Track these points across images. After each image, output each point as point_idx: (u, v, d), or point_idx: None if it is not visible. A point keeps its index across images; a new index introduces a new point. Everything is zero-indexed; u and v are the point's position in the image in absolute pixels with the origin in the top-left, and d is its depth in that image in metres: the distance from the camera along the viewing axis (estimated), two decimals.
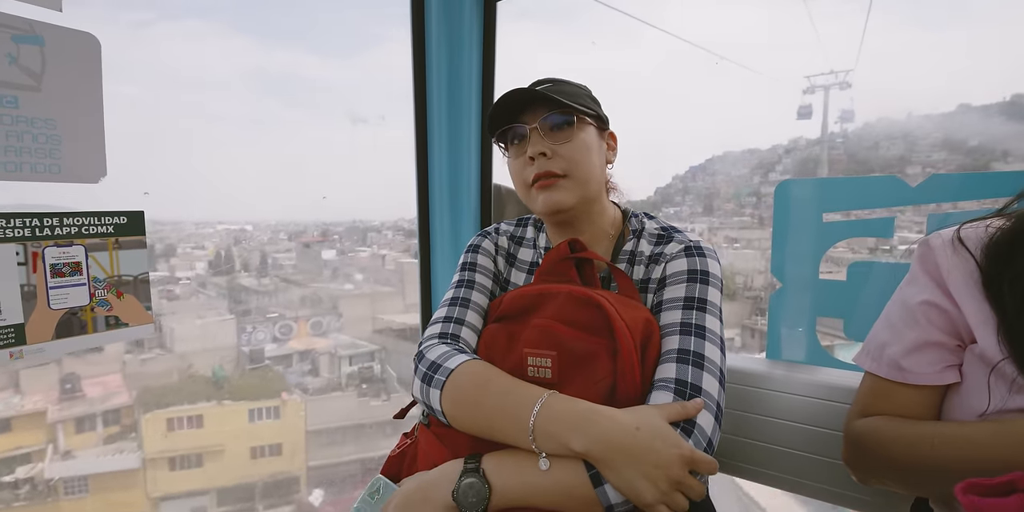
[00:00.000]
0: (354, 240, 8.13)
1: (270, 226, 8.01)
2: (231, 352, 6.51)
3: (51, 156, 0.80)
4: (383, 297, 7.73)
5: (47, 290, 0.81)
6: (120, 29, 3.84)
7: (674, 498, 0.56)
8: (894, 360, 0.64)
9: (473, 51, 1.32)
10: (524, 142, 0.78)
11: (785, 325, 1.07)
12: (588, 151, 0.77)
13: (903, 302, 0.66)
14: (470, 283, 0.83)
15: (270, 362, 6.71)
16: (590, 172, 0.77)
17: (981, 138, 2.60)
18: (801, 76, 6.16)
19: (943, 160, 4.07)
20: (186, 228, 6.19)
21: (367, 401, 6.82)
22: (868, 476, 0.67)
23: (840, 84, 5.79)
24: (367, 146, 16.76)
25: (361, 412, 6.64)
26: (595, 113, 0.79)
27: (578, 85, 0.83)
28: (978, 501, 0.43)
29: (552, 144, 0.76)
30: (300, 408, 6.34)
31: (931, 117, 4.92)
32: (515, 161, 0.80)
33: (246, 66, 8.49)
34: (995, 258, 0.58)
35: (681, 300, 0.71)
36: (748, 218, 5.11)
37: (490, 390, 0.64)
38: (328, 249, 8.07)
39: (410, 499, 0.63)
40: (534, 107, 0.77)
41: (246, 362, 6.53)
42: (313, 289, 7.84)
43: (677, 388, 0.62)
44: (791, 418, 0.93)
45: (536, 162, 0.76)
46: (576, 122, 0.76)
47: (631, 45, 20.20)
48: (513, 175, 0.82)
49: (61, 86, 0.81)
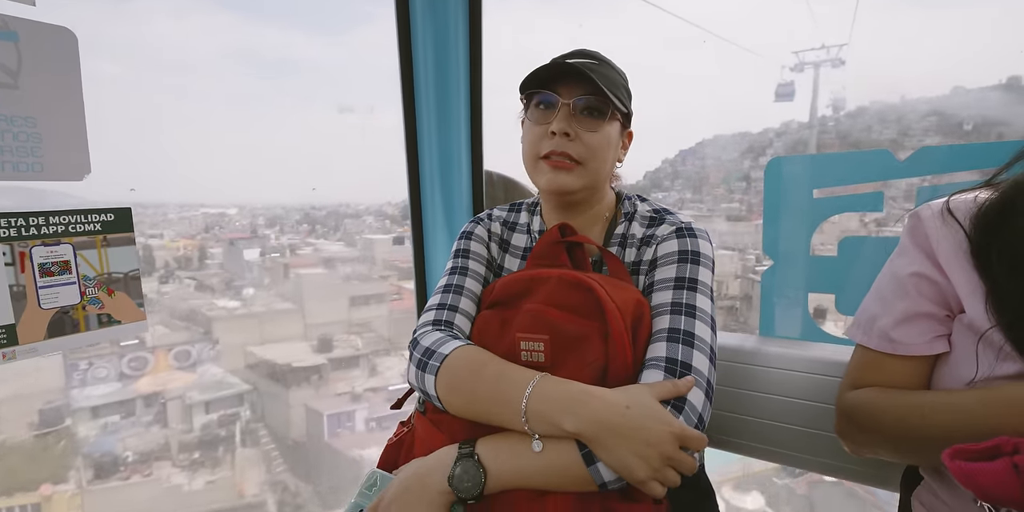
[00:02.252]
0: (330, 227, 7.52)
1: (254, 210, 7.12)
2: (50, 399, 4.13)
3: (33, 154, 0.79)
4: (277, 317, 6.39)
5: (36, 290, 0.80)
6: (100, 5, 3.59)
7: (665, 474, 0.57)
8: (884, 332, 0.65)
9: (459, 32, 1.30)
10: (551, 112, 0.75)
11: (777, 301, 1.08)
12: (608, 145, 0.76)
13: (893, 274, 0.66)
14: (463, 270, 0.83)
15: (76, 420, 4.18)
16: (602, 166, 0.77)
17: (976, 121, 2.57)
18: (788, 52, 5.62)
19: (937, 144, 4.00)
20: (170, 211, 5.49)
21: (192, 480, 4.51)
22: (861, 447, 0.68)
23: (832, 61, 5.28)
24: (356, 129, 16.57)
25: (167, 505, 4.21)
26: (627, 110, 0.78)
27: (620, 73, 0.80)
28: (965, 466, 0.44)
29: (579, 127, 0.74)
30: (71, 506, 3.78)
31: (925, 99, 4.77)
32: (535, 127, 0.77)
33: (231, 45, 8.17)
34: (984, 228, 0.59)
35: (672, 280, 0.71)
36: (737, 205, 4.93)
37: (484, 374, 0.64)
38: (251, 248, 6.53)
39: (407, 486, 0.63)
40: (573, 81, 0.74)
41: (35, 424, 4.15)
42: (192, 306, 5.85)
43: (668, 366, 0.63)
44: (785, 393, 0.94)
45: (556, 138, 0.74)
46: (609, 114, 0.75)
47: (620, 25, 19.90)
48: (526, 137, 0.79)
49: (39, 83, 0.80)
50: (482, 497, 0.60)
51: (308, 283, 6.95)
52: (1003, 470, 0.42)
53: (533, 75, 0.75)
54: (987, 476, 0.43)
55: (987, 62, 16.01)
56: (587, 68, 0.72)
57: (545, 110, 0.76)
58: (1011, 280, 0.55)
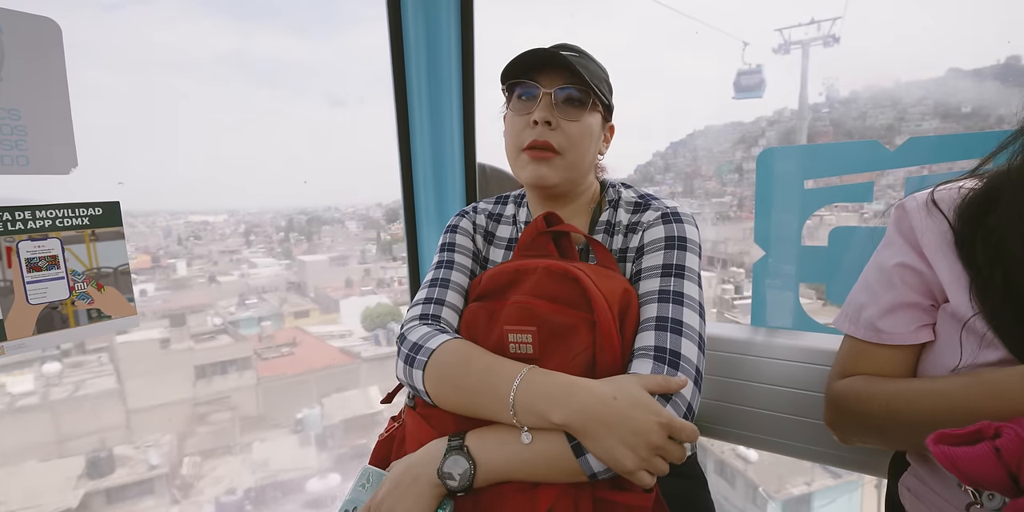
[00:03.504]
0: (306, 234, 5.85)
1: (238, 218, 6.15)
2: None
3: (17, 148, 0.78)
4: (83, 405, 4.10)
5: (24, 285, 0.80)
6: (87, 12, 3.32)
7: (654, 463, 0.57)
8: (871, 322, 0.66)
9: (451, 24, 1.29)
10: (532, 102, 0.76)
11: (769, 292, 1.08)
12: (589, 135, 0.77)
13: (879, 265, 0.67)
14: (449, 263, 0.83)
15: None
16: (583, 157, 0.77)
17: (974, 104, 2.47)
18: (771, 29, 4.16)
19: (934, 129, 3.79)
20: (160, 220, 5.02)
21: None
22: (849, 435, 0.69)
23: (824, 38, 4.00)
24: (347, 128, 16.08)
25: None
26: (607, 102, 0.78)
27: (601, 67, 0.80)
28: (948, 450, 0.45)
29: (560, 117, 0.74)
30: None
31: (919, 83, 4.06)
32: (516, 117, 0.77)
33: (222, 48, 7.78)
34: (968, 219, 0.59)
35: (659, 268, 0.71)
36: (729, 198, 4.65)
37: (471, 368, 0.64)
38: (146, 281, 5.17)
39: (398, 481, 0.64)
40: (555, 72, 0.75)
41: None
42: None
43: (656, 355, 0.63)
44: (775, 382, 0.95)
45: (538, 128, 0.74)
46: (590, 104, 0.75)
47: (611, 16, 19.54)
48: (508, 130, 0.80)
49: (23, 74, 0.78)
50: (472, 489, 0.61)
51: (137, 353, 4.91)
52: (985, 454, 0.43)
53: (514, 64, 0.75)
54: (969, 460, 0.44)
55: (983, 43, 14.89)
56: (568, 59, 0.72)
57: (527, 101, 0.76)
58: (994, 269, 0.56)
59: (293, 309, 7.11)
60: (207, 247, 4.90)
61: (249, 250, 5.26)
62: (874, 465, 0.86)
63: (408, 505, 0.61)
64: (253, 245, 5.32)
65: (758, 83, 3.97)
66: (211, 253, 6.29)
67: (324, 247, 5.79)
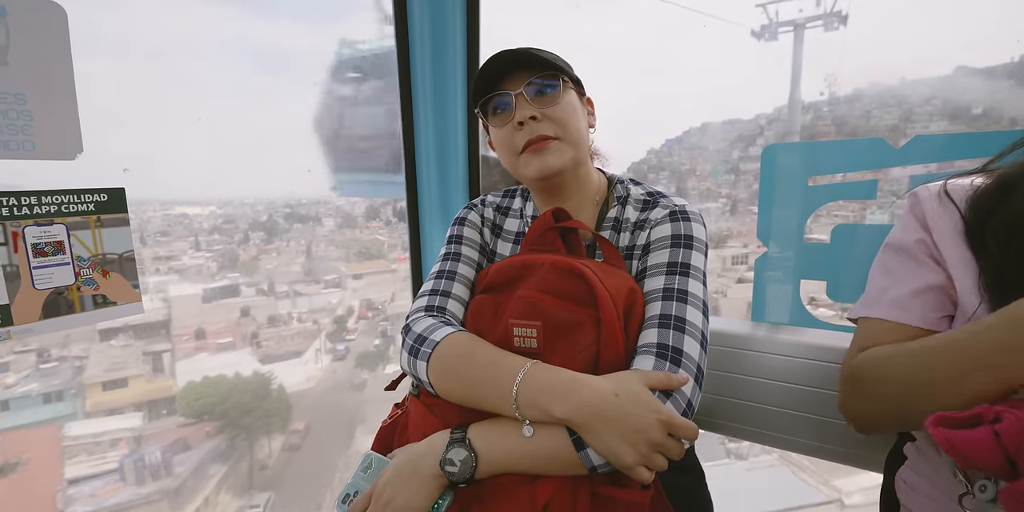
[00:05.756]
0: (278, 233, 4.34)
1: (225, 210, 5.30)
2: None
3: (23, 132, 0.78)
4: None
5: (30, 270, 0.80)
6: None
7: (653, 459, 0.58)
8: (897, 300, 0.65)
9: (457, 19, 1.28)
10: (509, 111, 0.77)
11: (770, 288, 1.09)
12: (574, 112, 0.77)
13: (898, 247, 0.67)
14: (456, 255, 0.83)
15: None
16: (580, 133, 0.78)
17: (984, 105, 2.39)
18: (753, 4, 3.30)
19: (943, 131, 3.60)
20: (149, 211, 4.45)
21: None
22: (863, 413, 0.65)
23: (825, 18, 3.16)
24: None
25: None
26: (574, 77, 0.79)
27: (552, 53, 0.81)
28: (947, 433, 0.45)
29: (540, 108, 0.75)
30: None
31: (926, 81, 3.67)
32: (501, 130, 0.79)
33: (228, 34, 7.53)
34: (979, 209, 0.60)
35: (665, 266, 0.72)
36: (724, 201, 4.29)
37: (474, 361, 0.65)
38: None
39: (400, 472, 0.64)
40: (516, 74, 0.76)
41: None
42: None
43: (659, 352, 0.64)
44: (776, 378, 0.96)
45: (526, 127, 0.75)
46: (561, 85, 0.76)
47: (616, 9, 19.14)
48: (499, 145, 0.81)
49: (29, 59, 0.78)
50: (473, 481, 0.62)
51: None
52: (984, 438, 0.43)
53: (477, 88, 0.78)
54: (968, 444, 0.44)
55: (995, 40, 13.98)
56: (517, 52, 0.74)
57: (503, 112, 0.78)
58: (1003, 258, 0.56)
59: (103, 376, 3.46)
60: (169, 246, 3.57)
61: (189, 255, 3.65)
62: (870, 460, 0.87)
63: (409, 495, 0.62)
64: (203, 247, 3.71)
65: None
66: (143, 260, 4.76)
67: (275, 252, 4.19)
